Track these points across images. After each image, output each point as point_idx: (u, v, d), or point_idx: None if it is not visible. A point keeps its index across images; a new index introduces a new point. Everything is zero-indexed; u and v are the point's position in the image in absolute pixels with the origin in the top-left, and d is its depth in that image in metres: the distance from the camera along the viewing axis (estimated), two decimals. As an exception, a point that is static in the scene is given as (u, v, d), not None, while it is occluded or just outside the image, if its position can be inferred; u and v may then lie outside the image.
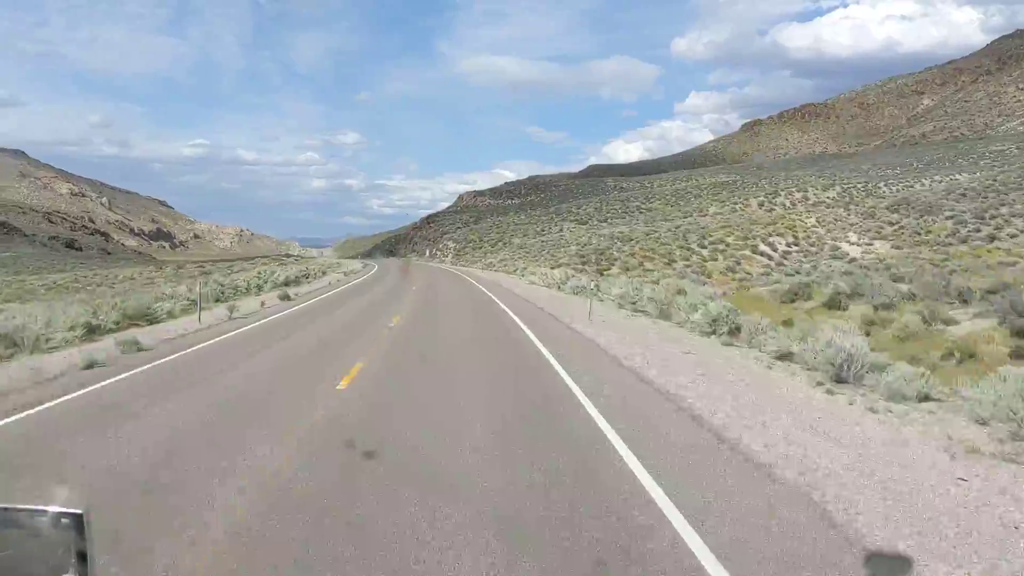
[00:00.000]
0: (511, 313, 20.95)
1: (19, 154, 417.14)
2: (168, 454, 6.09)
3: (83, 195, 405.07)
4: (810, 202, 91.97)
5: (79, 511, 1.45)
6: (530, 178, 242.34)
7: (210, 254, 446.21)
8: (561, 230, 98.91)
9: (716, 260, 44.05)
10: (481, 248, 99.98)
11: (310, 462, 5.90)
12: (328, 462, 5.95)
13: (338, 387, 9.10)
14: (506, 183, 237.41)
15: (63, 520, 1.43)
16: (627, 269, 40.88)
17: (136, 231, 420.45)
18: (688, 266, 41.13)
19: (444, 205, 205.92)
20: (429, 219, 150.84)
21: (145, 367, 10.54)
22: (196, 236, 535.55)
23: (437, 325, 19.25)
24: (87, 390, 8.77)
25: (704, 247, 47.02)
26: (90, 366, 10.09)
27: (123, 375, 9.82)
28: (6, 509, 1.45)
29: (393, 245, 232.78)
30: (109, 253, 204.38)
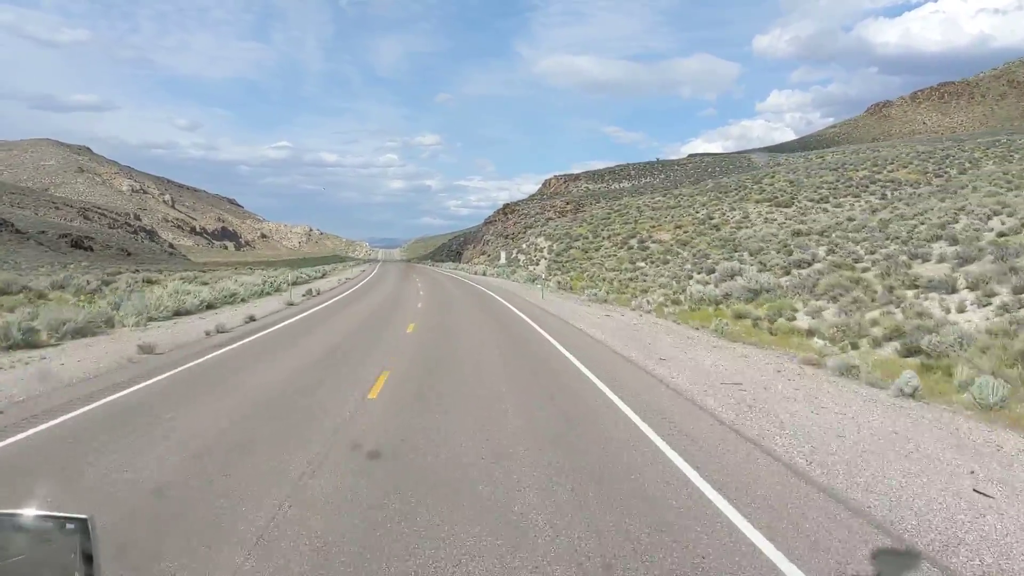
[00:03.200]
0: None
1: (83, 150, 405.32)
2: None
3: (144, 192, 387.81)
4: None
5: (84, 516, 1.47)
6: (620, 166, 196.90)
7: (275, 254, 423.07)
8: (746, 214, 54.92)
9: None
10: (596, 247, 57.10)
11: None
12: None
13: None
14: (607, 168, 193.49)
15: (68, 525, 1.45)
16: None
17: (198, 230, 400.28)
18: None
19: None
20: (507, 209, 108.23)
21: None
22: (263, 236, 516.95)
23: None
24: None
25: None
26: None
27: None
28: (13, 515, 1.46)
29: (460, 245, 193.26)
30: (130, 254, 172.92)
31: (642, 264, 36.08)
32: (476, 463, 6.16)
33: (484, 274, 63.13)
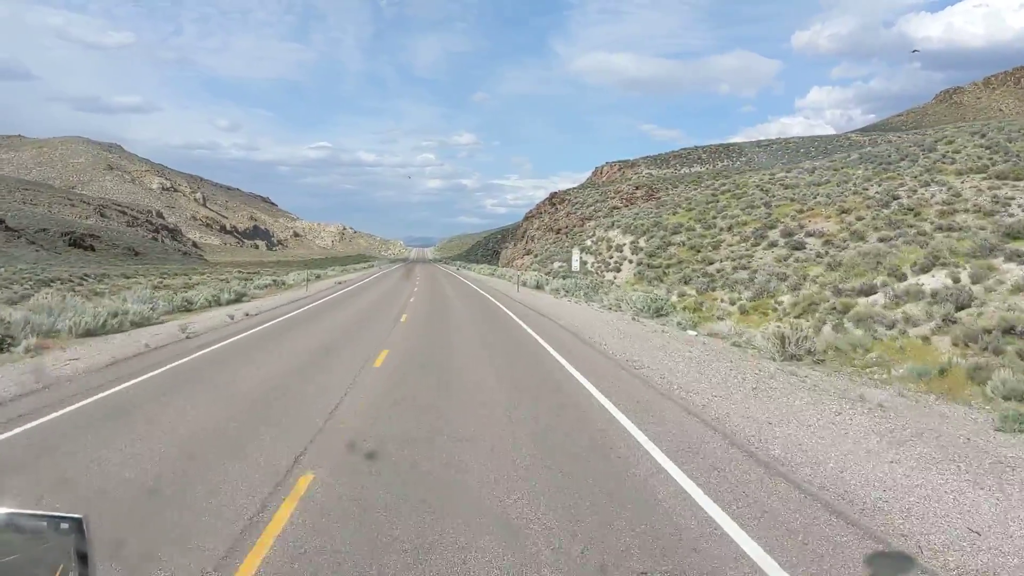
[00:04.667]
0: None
1: (114, 147, 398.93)
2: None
3: (174, 190, 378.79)
4: None
5: (79, 516, 1.46)
6: (688, 149, 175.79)
7: (308, 253, 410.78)
8: (955, 191, 34.91)
9: None
10: (712, 242, 38.04)
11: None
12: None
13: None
14: (672, 152, 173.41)
15: (63, 525, 1.45)
16: None
17: (228, 229, 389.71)
18: None
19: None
20: (555, 198, 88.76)
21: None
22: (296, 234, 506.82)
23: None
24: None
25: None
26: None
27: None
28: (6, 514, 1.45)
29: (498, 243, 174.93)
30: (137, 253, 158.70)
31: (920, 280, 16.35)
32: None
33: (540, 287, 38.42)
